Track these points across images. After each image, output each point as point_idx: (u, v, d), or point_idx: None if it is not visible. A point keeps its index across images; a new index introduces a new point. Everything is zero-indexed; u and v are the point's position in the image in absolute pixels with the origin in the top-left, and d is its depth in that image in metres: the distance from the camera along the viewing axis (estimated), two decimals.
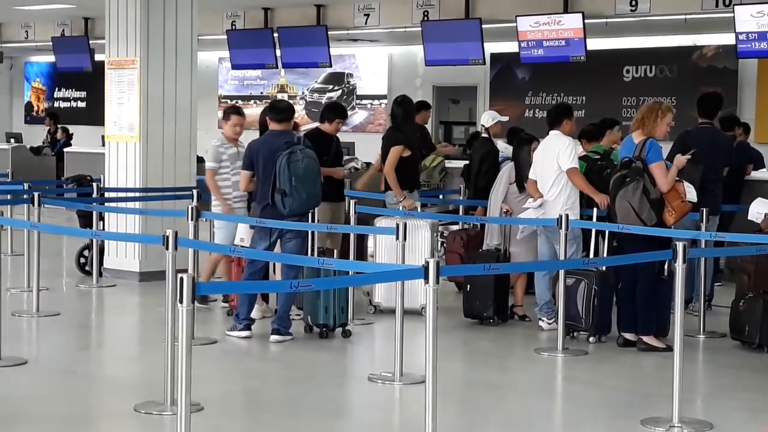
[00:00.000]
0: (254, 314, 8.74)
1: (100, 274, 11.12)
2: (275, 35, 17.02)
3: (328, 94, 20.20)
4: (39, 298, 9.36)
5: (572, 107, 9.73)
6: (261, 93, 21.23)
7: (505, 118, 11.06)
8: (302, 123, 18.22)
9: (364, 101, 19.92)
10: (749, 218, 9.26)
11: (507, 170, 9.73)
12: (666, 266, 8.11)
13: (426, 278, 5.53)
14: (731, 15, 12.59)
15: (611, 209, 8.45)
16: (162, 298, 6.68)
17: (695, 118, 10.19)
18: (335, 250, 9.54)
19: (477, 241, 10.19)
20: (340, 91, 20.19)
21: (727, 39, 13.46)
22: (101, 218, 11.23)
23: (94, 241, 11.10)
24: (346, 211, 9.63)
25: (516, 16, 14.28)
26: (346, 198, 9.83)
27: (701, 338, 8.85)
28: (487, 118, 10.77)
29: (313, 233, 9.46)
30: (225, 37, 17.67)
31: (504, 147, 10.75)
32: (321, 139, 9.69)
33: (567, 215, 8.40)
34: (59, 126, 21.60)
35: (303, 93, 20.72)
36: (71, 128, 21.68)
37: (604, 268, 8.60)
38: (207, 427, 6.06)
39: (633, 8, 13.64)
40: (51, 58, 21.68)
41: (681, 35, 15.66)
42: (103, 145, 12.28)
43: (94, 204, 11.14)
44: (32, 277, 9.51)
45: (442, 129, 19.76)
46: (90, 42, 19.25)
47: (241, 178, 8.85)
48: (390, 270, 6.93)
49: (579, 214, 8.93)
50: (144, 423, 6.27)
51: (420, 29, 15.33)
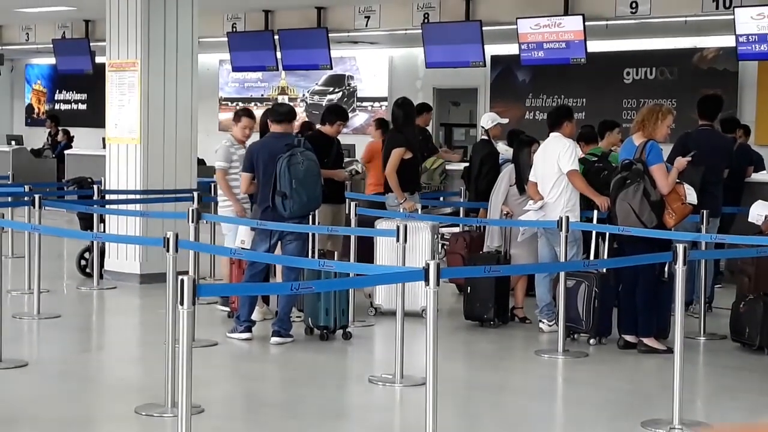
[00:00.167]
0: (255, 316, 8.74)
1: (101, 276, 11.12)
2: (276, 37, 17.02)
3: (329, 97, 20.20)
4: (40, 301, 9.36)
5: (573, 109, 9.74)
6: (261, 95, 21.21)
7: (505, 120, 11.05)
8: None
9: (365, 103, 19.91)
10: (749, 220, 9.25)
11: (507, 172, 9.73)
12: (666, 268, 8.10)
13: (426, 280, 5.53)
14: (731, 17, 12.59)
15: (611, 211, 8.45)
16: (163, 300, 6.68)
17: (695, 120, 10.19)
18: (336, 252, 9.54)
19: (479, 243, 10.19)
20: (341, 94, 20.19)
21: (728, 41, 13.46)
22: (102, 220, 11.25)
23: (95, 244, 11.10)
24: (347, 213, 9.63)
25: (516, 18, 14.27)
26: (347, 200, 9.83)
27: (702, 340, 8.85)
28: (487, 120, 10.76)
29: (314, 235, 9.47)
30: (225, 40, 17.66)
31: (504, 149, 10.75)
32: (322, 142, 9.69)
33: (567, 217, 8.41)
34: (60, 128, 21.61)
35: (303, 95, 20.71)
36: (72, 130, 21.70)
37: (605, 270, 8.60)
38: (208, 429, 6.06)
39: (633, 10, 13.64)
40: (52, 61, 21.67)
41: (681, 37, 15.65)
42: (104, 148, 12.29)
43: (95, 206, 11.14)
44: (33, 280, 9.51)
45: (443, 131, 19.74)
46: (91, 44, 19.25)
47: (242, 181, 8.84)
48: (390, 272, 6.94)
49: (579, 216, 8.93)
50: (145, 425, 6.27)
51: (420, 31, 15.33)
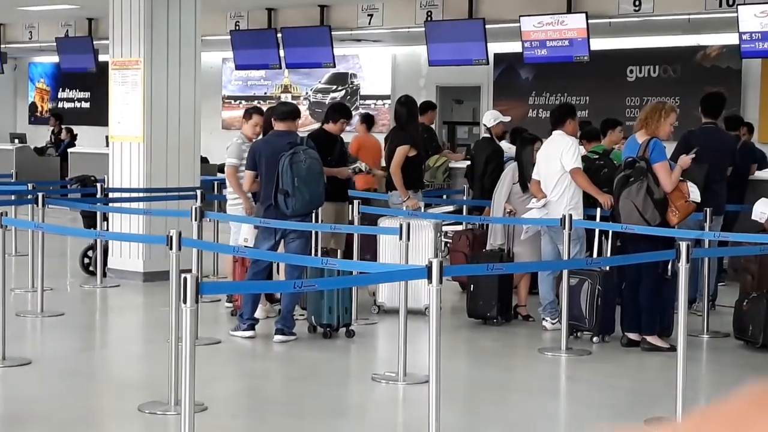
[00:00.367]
0: (258, 314, 8.75)
1: (104, 275, 11.13)
2: (279, 35, 17.02)
3: (332, 95, 20.20)
4: (43, 299, 9.37)
5: (576, 107, 9.73)
6: (264, 93, 21.22)
7: (507, 118, 11.05)
8: (306, 123, 18.28)
9: (368, 101, 19.91)
10: (753, 218, 9.25)
11: (510, 170, 9.72)
12: (669, 266, 8.10)
13: (429, 278, 5.53)
14: (735, 15, 12.57)
15: (615, 209, 8.45)
16: (166, 298, 6.69)
17: (699, 118, 10.19)
18: (339, 250, 9.54)
19: (482, 241, 10.19)
20: (344, 92, 20.19)
21: (731, 39, 13.45)
22: (105, 218, 11.25)
23: (98, 242, 11.11)
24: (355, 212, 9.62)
25: (519, 16, 14.26)
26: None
27: (705, 338, 8.84)
28: (489, 118, 10.76)
29: (317, 233, 9.47)
30: (228, 38, 17.66)
31: (507, 147, 10.75)
32: (325, 140, 9.69)
33: (570, 215, 8.40)
34: (63, 126, 21.63)
35: (306, 93, 20.72)
36: (75, 129, 21.72)
37: (608, 268, 8.60)
38: (211, 427, 6.07)
39: (636, 8, 13.63)
40: (55, 59, 21.69)
41: (684, 35, 15.64)
42: (107, 146, 12.30)
43: (98, 204, 11.15)
44: (36, 278, 9.52)
45: (446, 129, 19.74)
46: (94, 42, 19.26)
47: (245, 178, 8.84)
48: (393, 270, 6.94)
49: (582, 214, 8.93)
50: (148, 423, 6.28)
51: (423, 29, 15.32)
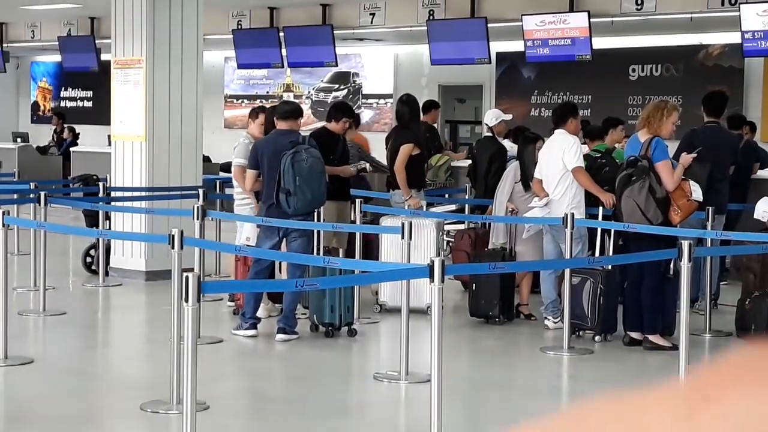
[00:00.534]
0: (260, 313, 8.74)
1: (107, 274, 11.13)
2: (281, 34, 17.02)
3: (334, 94, 20.20)
4: (45, 298, 9.37)
5: (578, 106, 9.72)
6: (267, 92, 21.22)
7: (509, 117, 11.03)
8: (308, 122, 18.25)
9: (370, 100, 19.91)
10: (755, 217, 9.25)
11: (512, 169, 9.71)
12: (672, 265, 8.09)
13: (431, 277, 5.53)
14: (737, 14, 12.57)
15: (617, 208, 8.44)
16: (168, 297, 6.69)
17: (701, 117, 10.18)
18: (341, 249, 9.53)
19: (485, 240, 10.17)
20: (346, 91, 20.19)
21: (733, 38, 13.45)
22: (107, 217, 11.25)
23: (101, 241, 11.11)
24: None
25: (522, 15, 14.26)
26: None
27: (707, 337, 8.84)
28: (491, 117, 10.75)
29: (319, 232, 9.47)
30: (231, 37, 17.66)
31: (509, 146, 10.74)
32: (328, 139, 9.68)
33: (572, 214, 8.40)
34: (65, 125, 21.63)
35: (309, 92, 20.72)
36: (77, 128, 21.71)
37: (610, 267, 8.59)
38: (213, 426, 6.07)
39: (639, 7, 13.62)
40: (57, 58, 21.69)
41: (687, 34, 15.63)
42: (110, 145, 12.30)
43: (101, 203, 11.16)
44: (39, 277, 9.53)
45: (448, 128, 19.74)
46: (96, 41, 19.28)
47: (247, 177, 8.83)
48: (395, 269, 6.94)
49: (584, 213, 8.92)
50: (150, 422, 6.28)
51: (426, 28, 15.32)
